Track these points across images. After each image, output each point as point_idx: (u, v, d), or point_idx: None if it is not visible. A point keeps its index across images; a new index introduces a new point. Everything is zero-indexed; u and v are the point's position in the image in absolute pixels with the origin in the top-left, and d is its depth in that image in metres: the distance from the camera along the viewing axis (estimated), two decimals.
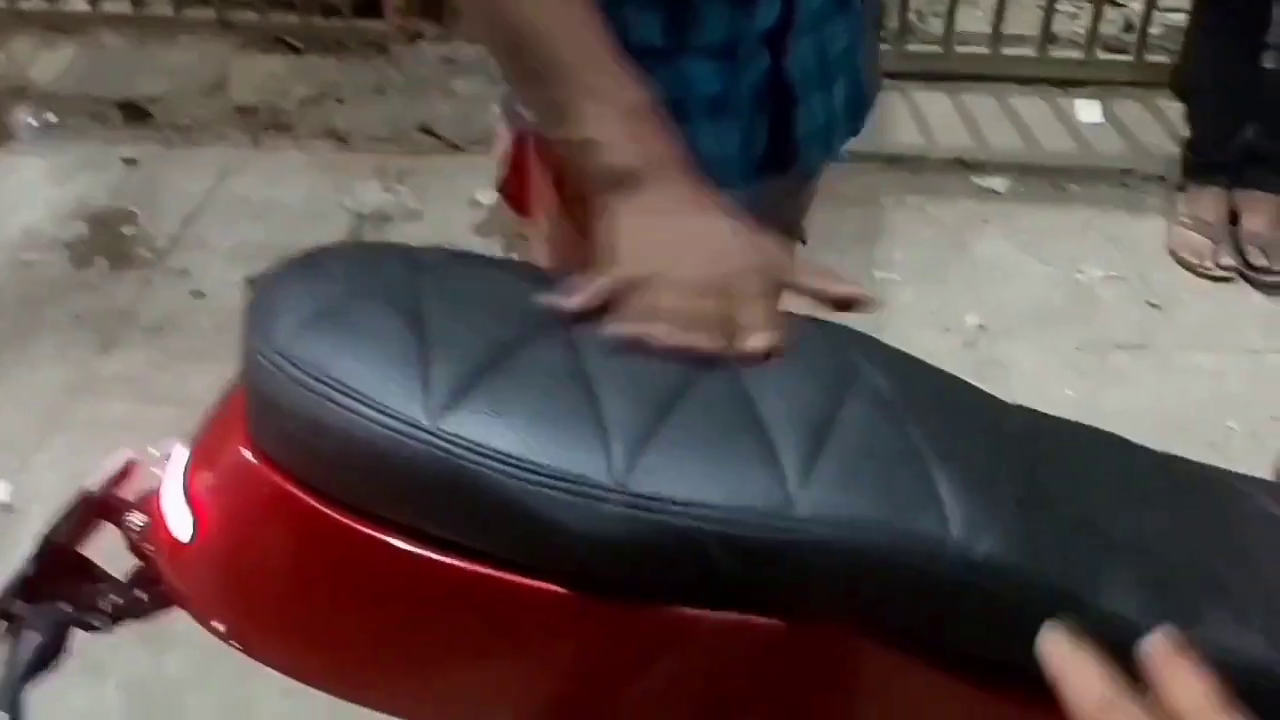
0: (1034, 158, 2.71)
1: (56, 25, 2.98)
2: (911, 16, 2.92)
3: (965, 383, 0.71)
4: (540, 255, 1.04)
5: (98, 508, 0.73)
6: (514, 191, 1.04)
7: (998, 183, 2.68)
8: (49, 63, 2.92)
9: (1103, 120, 2.79)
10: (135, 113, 2.84)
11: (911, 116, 2.80)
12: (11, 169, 2.70)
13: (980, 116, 2.80)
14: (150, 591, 0.70)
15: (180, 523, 0.63)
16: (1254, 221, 2.44)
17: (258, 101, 2.85)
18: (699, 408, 0.60)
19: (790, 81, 1.01)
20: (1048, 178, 2.69)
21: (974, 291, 2.40)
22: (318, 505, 0.58)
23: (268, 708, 1.56)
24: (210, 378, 0.71)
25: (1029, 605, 0.56)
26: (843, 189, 2.47)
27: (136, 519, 0.71)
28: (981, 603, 0.56)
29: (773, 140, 1.04)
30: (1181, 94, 2.61)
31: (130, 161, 2.74)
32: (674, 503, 0.54)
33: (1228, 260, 2.41)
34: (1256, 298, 2.37)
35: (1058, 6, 2.81)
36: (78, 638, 0.72)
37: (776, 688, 0.58)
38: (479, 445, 0.55)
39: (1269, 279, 2.37)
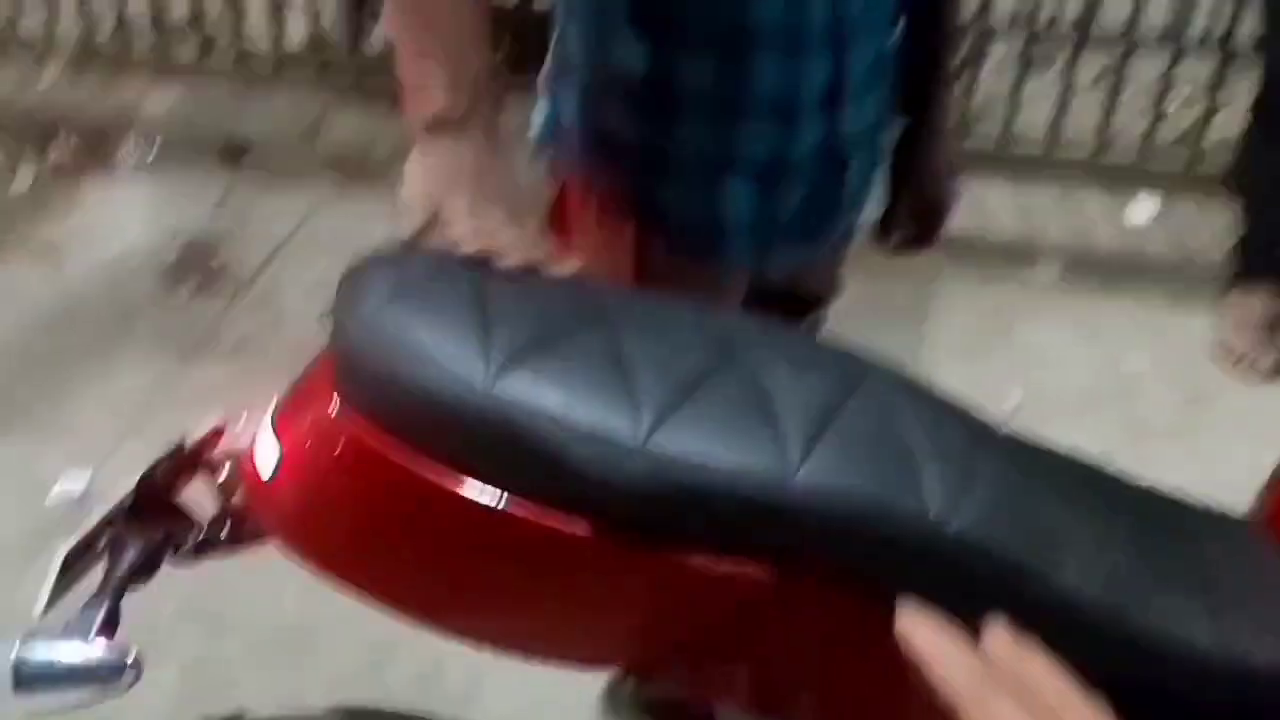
0: (1085, 252, 2.79)
1: (165, 68, 3.19)
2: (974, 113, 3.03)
3: (963, 405, 0.80)
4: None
5: (191, 457, 0.83)
6: (558, 222, 1.16)
7: (1047, 273, 2.75)
8: (158, 101, 3.13)
9: (1157, 217, 2.87)
10: (233, 152, 3.03)
11: (968, 201, 2.89)
12: (117, 196, 2.89)
13: (1035, 208, 2.89)
14: (231, 530, 0.80)
15: (266, 462, 0.73)
16: None
17: (348, 150, 3.02)
18: (720, 392, 0.69)
19: (843, 143, 1.08)
20: (1097, 273, 2.76)
21: (1016, 374, 2.46)
22: (389, 453, 0.67)
23: (317, 691, 1.64)
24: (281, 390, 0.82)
25: (993, 575, 0.64)
26: (896, 265, 2.56)
27: (224, 468, 0.81)
28: (952, 571, 0.64)
29: (822, 201, 1.11)
30: (1236, 193, 2.68)
31: (224, 197, 2.91)
32: (687, 462, 0.63)
33: (1269, 362, 2.46)
34: None
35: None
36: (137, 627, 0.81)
37: (763, 631, 0.67)
38: (528, 404, 0.64)
39: None
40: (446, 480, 0.66)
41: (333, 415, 0.70)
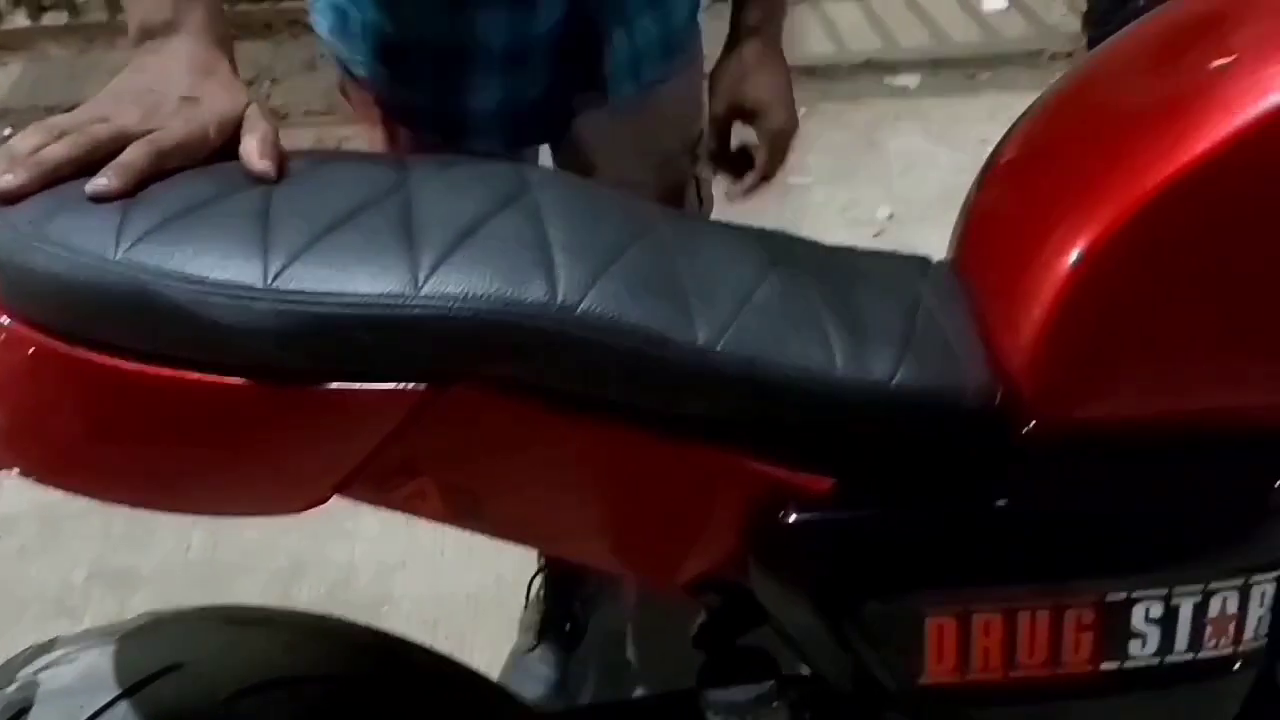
0: (944, 51, 2.78)
1: (2, 43, 3.13)
2: None
3: (641, 204, 0.81)
4: None
5: None
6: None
7: (909, 80, 2.75)
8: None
9: (1007, 6, 2.86)
10: None
11: (822, 27, 2.88)
12: None
13: (889, 18, 2.87)
14: None
15: None
16: None
17: None
18: (359, 227, 0.70)
19: (593, 17, 1.05)
20: (958, 69, 2.76)
21: (884, 185, 2.48)
22: (48, 347, 0.68)
23: None
24: None
25: (625, 347, 0.67)
26: None
27: None
28: (584, 350, 0.67)
29: (583, 77, 1.09)
30: None
31: None
32: (314, 294, 0.65)
33: None
34: None
35: None
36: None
37: (433, 444, 0.69)
38: (157, 268, 0.66)
39: None
40: (104, 362, 0.67)
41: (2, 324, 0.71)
